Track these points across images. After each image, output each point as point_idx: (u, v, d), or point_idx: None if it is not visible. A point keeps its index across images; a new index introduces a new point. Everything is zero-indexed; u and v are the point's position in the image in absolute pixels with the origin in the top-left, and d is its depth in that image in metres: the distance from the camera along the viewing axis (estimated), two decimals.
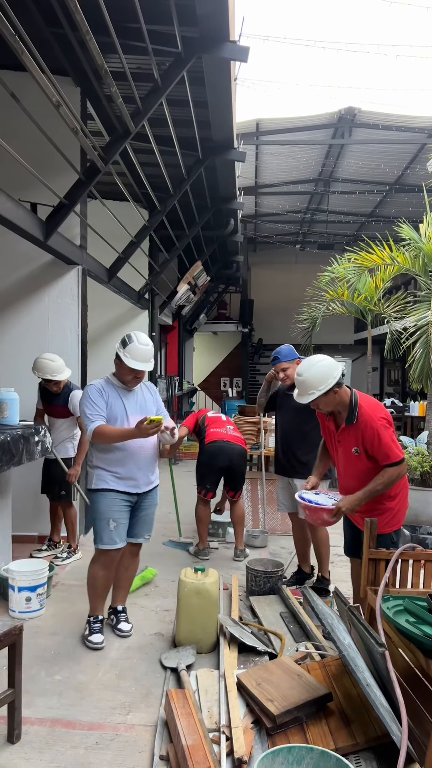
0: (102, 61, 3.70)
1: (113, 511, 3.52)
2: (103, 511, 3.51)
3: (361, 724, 2.48)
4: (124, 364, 3.49)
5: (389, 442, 3.22)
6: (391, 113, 9.55)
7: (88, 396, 3.51)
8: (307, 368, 3.32)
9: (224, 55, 4.49)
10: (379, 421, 3.24)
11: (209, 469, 5.16)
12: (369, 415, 3.25)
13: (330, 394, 3.27)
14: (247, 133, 9.60)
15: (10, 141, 3.68)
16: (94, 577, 3.63)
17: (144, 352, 3.52)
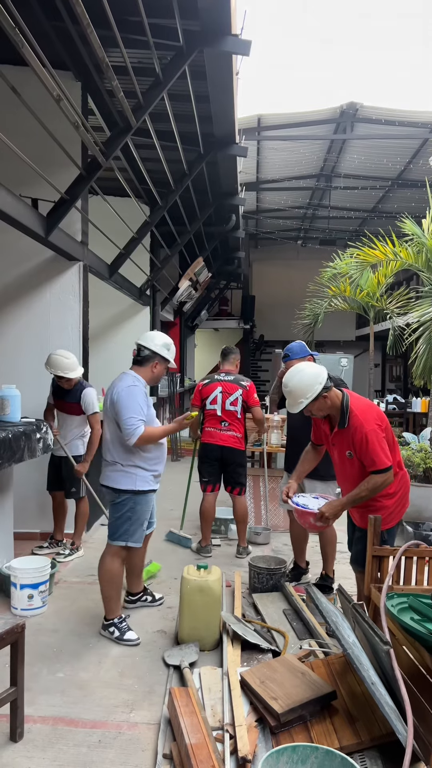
0: (103, 54, 3.66)
1: (147, 512, 3.73)
2: (143, 513, 3.66)
3: (366, 722, 2.46)
4: (168, 362, 3.79)
5: (377, 449, 3.19)
6: (393, 108, 9.50)
7: (136, 398, 3.55)
8: (291, 378, 3.34)
9: (226, 48, 4.45)
10: (370, 425, 3.22)
11: (202, 462, 5.23)
12: (359, 419, 3.24)
13: (320, 400, 3.28)
14: (248, 128, 9.55)
15: (11, 136, 3.65)
16: (115, 575, 3.66)
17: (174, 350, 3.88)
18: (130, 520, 3.61)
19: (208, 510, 5.23)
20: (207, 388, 5.23)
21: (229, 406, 5.17)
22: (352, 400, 3.32)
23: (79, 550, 5.06)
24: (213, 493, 5.24)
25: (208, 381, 5.29)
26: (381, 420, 3.31)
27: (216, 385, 5.23)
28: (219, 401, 5.18)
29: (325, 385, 3.26)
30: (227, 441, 5.15)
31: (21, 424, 4.20)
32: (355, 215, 14.41)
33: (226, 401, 5.17)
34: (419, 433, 6.95)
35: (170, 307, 11.02)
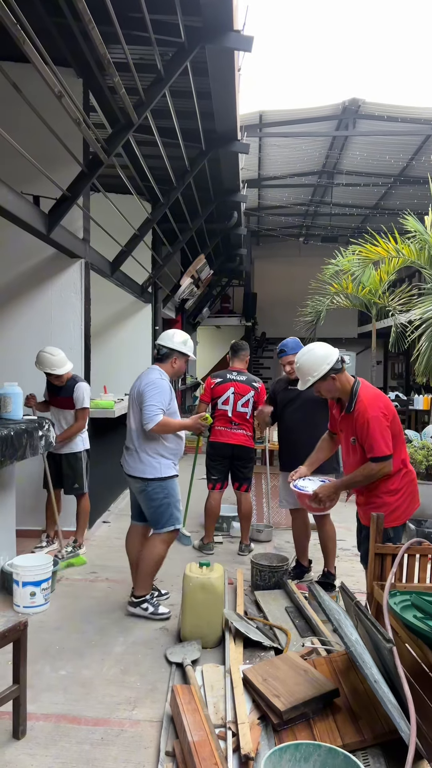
0: (105, 50, 3.65)
1: (178, 493, 3.97)
2: (176, 495, 3.93)
3: (369, 720, 2.46)
4: (187, 358, 4.05)
5: (377, 435, 3.19)
6: (395, 104, 9.47)
7: (162, 389, 3.83)
8: (301, 355, 3.44)
9: (228, 44, 4.43)
10: (373, 412, 3.22)
11: (212, 460, 5.24)
12: (364, 405, 3.25)
13: (328, 380, 3.32)
14: (250, 125, 9.53)
15: (13, 133, 3.64)
16: (162, 557, 3.93)
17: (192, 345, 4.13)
18: (169, 505, 3.88)
19: (213, 508, 5.24)
20: (220, 388, 5.23)
21: (241, 408, 5.18)
22: (362, 387, 3.34)
23: (82, 548, 5.05)
24: (220, 491, 5.26)
25: (220, 380, 5.25)
26: (387, 410, 3.30)
27: (229, 386, 5.22)
28: (231, 402, 5.19)
29: (333, 367, 3.30)
30: (239, 439, 5.19)
31: (23, 421, 4.20)
32: (357, 212, 14.37)
33: (238, 402, 5.18)
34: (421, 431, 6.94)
35: (172, 305, 11.01)
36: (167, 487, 3.88)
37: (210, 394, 5.26)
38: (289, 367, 4.53)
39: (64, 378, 4.90)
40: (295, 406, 4.48)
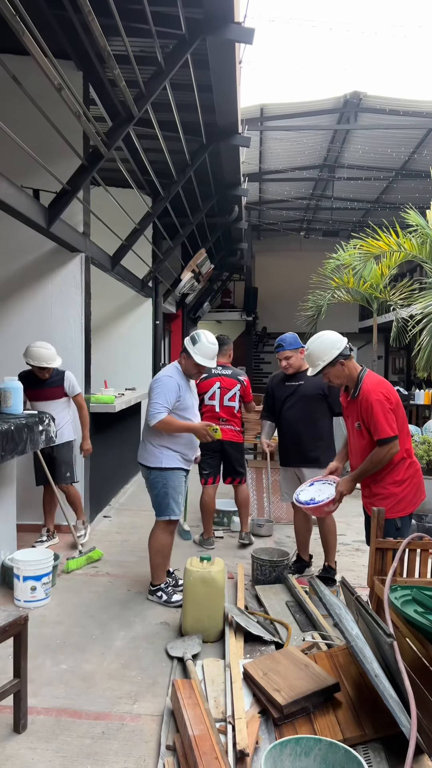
0: (105, 43, 3.62)
1: (182, 486, 4.03)
2: (176, 487, 3.98)
3: (369, 714, 2.46)
4: (191, 359, 3.94)
5: (380, 417, 3.27)
6: (397, 97, 9.42)
7: (166, 387, 3.88)
8: (312, 341, 3.54)
9: (229, 36, 4.39)
10: (376, 395, 3.30)
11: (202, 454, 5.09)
12: (368, 389, 3.34)
13: (337, 366, 3.42)
14: (251, 118, 9.48)
15: (12, 126, 3.63)
16: (164, 545, 4.02)
17: (211, 351, 4.00)
18: (167, 495, 3.95)
19: (208, 503, 5.23)
20: (205, 383, 5.18)
21: (228, 402, 5.17)
22: (367, 374, 3.44)
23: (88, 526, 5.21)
24: (213, 485, 5.25)
25: (205, 375, 5.16)
26: (390, 394, 3.37)
27: (214, 380, 5.20)
28: (217, 397, 5.17)
29: (342, 352, 3.41)
30: (227, 435, 5.13)
31: (23, 416, 4.19)
32: (358, 206, 14.34)
33: (225, 397, 5.17)
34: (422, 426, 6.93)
35: (172, 299, 10.99)
36: (167, 477, 3.95)
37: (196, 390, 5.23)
38: (285, 362, 4.51)
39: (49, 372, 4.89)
40: (293, 401, 4.48)
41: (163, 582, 4.05)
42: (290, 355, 4.48)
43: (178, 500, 4.00)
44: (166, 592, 4.02)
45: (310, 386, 4.41)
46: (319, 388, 4.36)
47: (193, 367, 4.00)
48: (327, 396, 4.35)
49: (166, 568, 4.10)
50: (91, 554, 4.74)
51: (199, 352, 3.95)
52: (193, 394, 4.13)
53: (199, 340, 3.96)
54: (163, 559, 4.04)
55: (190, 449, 4.05)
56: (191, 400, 4.06)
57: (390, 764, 2.26)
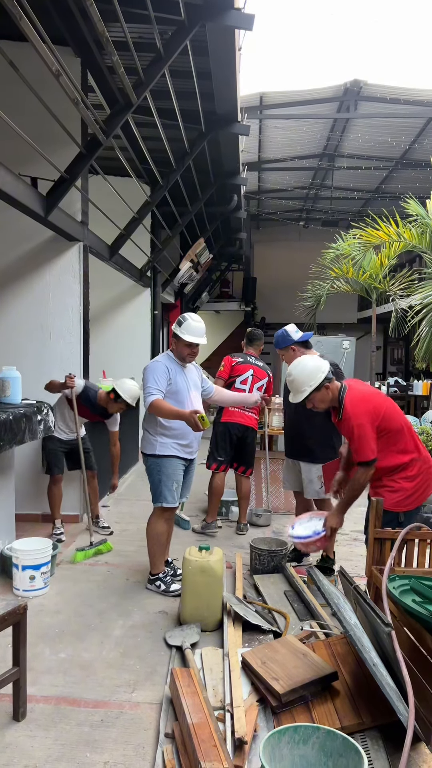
0: (103, 28, 3.58)
1: (178, 474, 3.99)
2: (171, 474, 3.96)
3: (367, 703, 2.48)
4: (182, 340, 3.95)
5: (362, 441, 3.29)
6: (397, 86, 9.34)
7: (153, 371, 3.90)
8: (294, 367, 3.53)
9: (228, 22, 4.35)
10: (357, 420, 3.30)
11: (223, 440, 5.29)
12: (348, 411, 3.34)
13: (322, 390, 3.42)
14: (250, 106, 9.41)
15: (10, 113, 3.58)
16: (160, 533, 4.03)
17: (197, 328, 3.98)
18: (161, 483, 3.95)
19: (219, 486, 5.33)
20: (241, 367, 5.32)
21: (256, 391, 5.26)
22: (348, 392, 3.41)
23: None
24: (224, 472, 5.35)
25: (241, 360, 5.36)
26: (375, 412, 3.35)
27: (249, 367, 5.34)
28: (249, 383, 5.30)
29: (327, 376, 3.40)
30: (251, 421, 5.31)
31: (22, 405, 4.18)
32: (358, 195, 14.26)
33: (255, 385, 5.30)
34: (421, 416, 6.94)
35: (171, 289, 10.94)
36: (161, 465, 3.96)
37: (229, 371, 5.31)
38: (282, 359, 4.58)
39: None
40: None
41: (161, 571, 4.06)
42: (282, 354, 4.53)
43: (172, 488, 3.98)
44: (164, 581, 4.02)
45: None
46: None
47: (184, 348, 3.99)
48: None
49: (163, 557, 4.10)
50: (101, 547, 4.71)
51: (187, 330, 3.95)
52: (188, 380, 4.06)
53: (185, 321, 3.98)
54: (160, 547, 4.04)
55: (186, 437, 4.00)
56: (184, 384, 4.01)
57: (387, 752, 2.28)
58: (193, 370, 4.21)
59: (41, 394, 5.00)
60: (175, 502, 4.01)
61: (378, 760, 2.23)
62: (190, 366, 4.18)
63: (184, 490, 4.18)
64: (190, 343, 3.97)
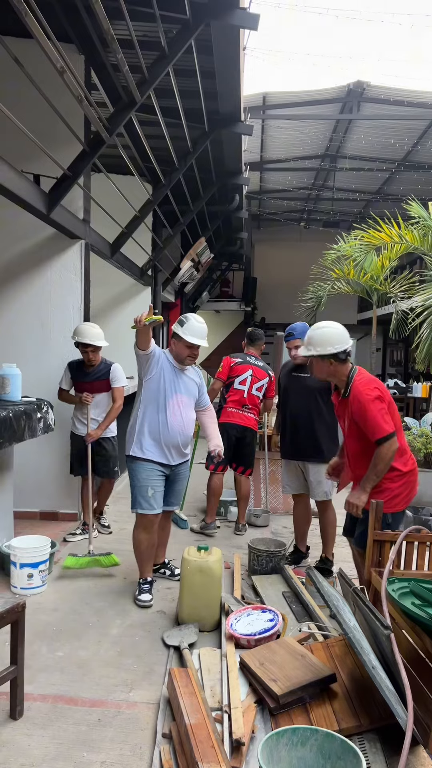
0: (108, 26, 3.57)
1: (153, 480, 3.80)
2: (144, 479, 3.80)
3: (365, 705, 2.47)
4: (183, 340, 3.79)
5: (375, 416, 3.22)
6: (401, 87, 9.34)
7: None
8: (318, 327, 3.47)
9: (233, 22, 4.33)
10: (368, 395, 3.25)
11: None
12: (358, 389, 3.28)
13: (325, 361, 3.35)
14: (253, 106, 9.39)
15: (13, 110, 3.56)
16: (138, 540, 3.89)
17: (200, 329, 3.84)
18: (135, 487, 3.84)
19: (218, 486, 5.31)
20: (239, 367, 5.30)
21: (255, 391, 5.28)
22: (357, 373, 3.38)
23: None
24: (222, 472, 5.34)
25: (240, 360, 5.34)
26: (382, 392, 3.33)
27: (248, 367, 5.31)
28: (248, 383, 5.27)
29: (336, 353, 3.32)
30: (249, 422, 5.29)
31: (22, 403, 4.17)
32: (359, 197, 14.25)
33: (254, 386, 5.27)
34: (420, 418, 6.94)
35: (171, 288, 10.93)
36: (134, 468, 3.84)
37: (228, 372, 5.30)
38: (294, 350, 4.49)
39: (98, 358, 4.85)
40: (299, 393, 4.47)
41: (142, 577, 3.93)
42: (300, 345, 4.45)
43: (147, 494, 3.78)
44: (139, 587, 3.90)
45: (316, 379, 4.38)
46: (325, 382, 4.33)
47: (184, 349, 3.84)
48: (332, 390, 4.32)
49: (145, 564, 3.94)
50: (101, 558, 4.27)
51: (189, 331, 3.81)
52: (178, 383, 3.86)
53: (187, 321, 3.84)
54: (139, 554, 3.91)
55: (168, 439, 3.80)
56: (172, 386, 3.82)
57: (385, 755, 2.27)
58: (192, 377, 4.02)
59: (41, 391, 5.00)
60: (152, 508, 3.80)
61: (376, 763, 2.23)
62: (191, 372, 4.01)
63: (171, 497, 4.01)
64: (191, 345, 3.83)
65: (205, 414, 4.16)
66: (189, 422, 3.92)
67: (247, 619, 3.26)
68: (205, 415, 4.16)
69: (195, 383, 4.02)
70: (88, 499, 4.83)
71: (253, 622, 3.22)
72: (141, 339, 3.64)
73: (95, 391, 4.88)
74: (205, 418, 4.16)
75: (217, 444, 4.06)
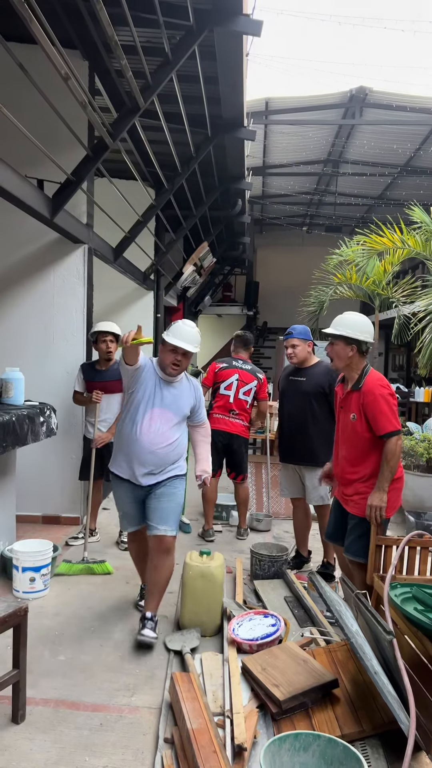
0: (112, 32, 3.59)
1: (122, 500, 3.57)
2: (118, 497, 3.60)
3: (368, 711, 2.47)
4: (166, 344, 3.35)
5: (387, 412, 3.27)
6: (403, 93, 9.36)
7: None
8: (352, 313, 3.55)
9: (237, 28, 4.35)
10: (382, 389, 3.31)
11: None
12: (373, 383, 3.34)
13: (348, 346, 3.37)
14: (256, 111, 9.42)
15: (17, 115, 3.59)
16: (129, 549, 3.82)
17: (185, 332, 3.39)
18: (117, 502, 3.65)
19: (211, 493, 5.27)
20: (224, 372, 5.25)
21: (242, 395, 5.22)
22: (371, 370, 3.43)
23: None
24: (215, 478, 5.27)
25: (225, 365, 5.29)
26: (392, 392, 3.38)
27: (233, 372, 5.25)
28: (234, 388, 5.21)
29: (361, 340, 3.38)
30: (236, 428, 5.21)
31: (25, 407, 4.18)
32: (362, 202, 14.26)
33: (241, 390, 5.22)
34: (422, 423, 6.93)
35: (174, 292, 10.95)
36: (112, 482, 3.58)
37: (213, 378, 5.27)
38: (291, 349, 4.46)
39: (114, 354, 4.81)
40: (296, 396, 4.47)
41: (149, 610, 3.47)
42: (297, 344, 4.43)
43: (122, 513, 3.59)
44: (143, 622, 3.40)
45: (312, 383, 4.39)
46: (321, 386, 4.33)
47: (167, 355, 3.36)
48: (328, 394, 4.28)
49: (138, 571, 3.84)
50: (94, 566, 4.34)
51: (172, 332, 3.37)
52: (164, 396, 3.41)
53: (174, 324, 3.44)
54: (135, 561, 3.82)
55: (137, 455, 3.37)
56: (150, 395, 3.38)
57: (388, 761, 2.27)
58: (183, 391, 3.53)
59: (44, 395, 5.00)
60: (126, 527, 3.64)
61: None
62: (182, 385, 3.53)
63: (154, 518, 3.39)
64: (174, 348, 3.34)
65: (198, 431, 3.75)
66: (166, 440, 3.39)
67: (249, 623, 3.26)
68: (197, 432, 3.76)
69: (186, 398, 3.53)
70: (97, 504, 4.80)
71: (255, 626, 3.22)
72: (128, 355, 3.27)
73: (109, 391, 4.82)
74: (197, 436, 3.76)
75: (204, 469, 3.66)
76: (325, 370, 4.37)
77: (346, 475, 3.46)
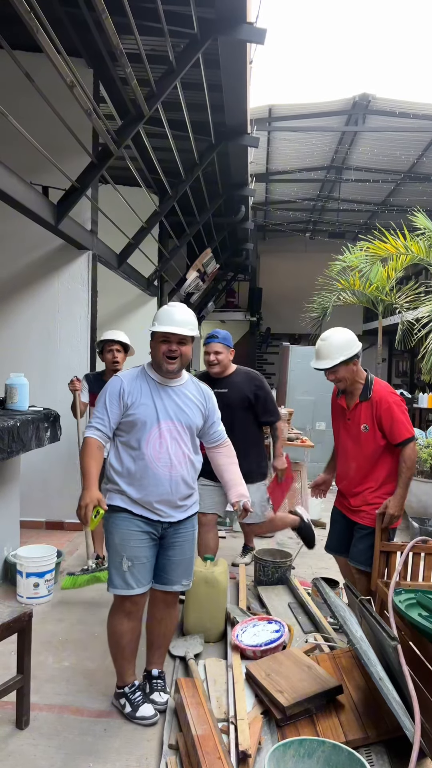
0: (117, 40, 3.62)
1: (129, 544, 2.65)
2: (118, 539, 2.67)
3: (372, 717, 2.46)
4: (155, 335, 2.68)
5: (403, 419, 3.27)
6: (406, 100, 9.39)
7: (103, 393, 2.72)
8: (332, 334, 3.37)
9: (241, 36, 4.39)
10: (395, 396, 3.32)
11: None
12: (384, 391, 3.33)
13: (350, 365, 3.32)
14: (259, 118, 9.46)
15: (23, 123, 3.62)
16: (115, 632, 2.74)
17: (173, 313, 2.69)
18: (110, 548, 2.71)
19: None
20: None
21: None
22: (376, 378, 3.42)
23: None
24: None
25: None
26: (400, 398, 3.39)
27: None
28: None
29: (358, 352, 3.32)
30: None
31: (29, 412, 4.19)
32: (365, 208, 14.30)
33: None
34: (426, 429, 6.93)
35: (177, 298, 10.96)
36: (111, 522, 2.70)
37: None
38: (213, 356, 3.99)
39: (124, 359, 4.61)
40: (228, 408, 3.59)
41: (126, 684, 2.78)
42: (221, 351, 4.00)
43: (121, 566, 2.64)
44: (130, 700, 2.73)
45: (236, 394, 3.99)
46: (245, 397, 3.99)
47: (159, 347, 2.67)
48: (254, 404, 4.03)
49: (129, 663, 2.80)
50: (100, 574, 4.24)
51: (158, 319, 2.70)
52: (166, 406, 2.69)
53: (159, 310, 2.75)
54: (119, 650, 2.76)
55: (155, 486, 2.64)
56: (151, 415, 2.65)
57: (393, 767, 2.26)
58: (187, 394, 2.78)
59: (49, 401, 5.01)
60: (128, 587, 2.64)
61: None
62: (189, 391, 2.79)
63: (173, 571, 2.78)
64: (166, 337, 2.66)
65: (219, 452, 2.98)
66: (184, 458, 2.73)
67: (252, 629, 3.25)
68: (219, 454, 2.98)
69: (194, 406, 2.78)
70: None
71: (259, 632, 3.22)
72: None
73: None
74: (220, 458, 2.98)
75: (241, 494, 2.90)
76: (246, 377, 4.09)
77: (355, 488, 3.41)
